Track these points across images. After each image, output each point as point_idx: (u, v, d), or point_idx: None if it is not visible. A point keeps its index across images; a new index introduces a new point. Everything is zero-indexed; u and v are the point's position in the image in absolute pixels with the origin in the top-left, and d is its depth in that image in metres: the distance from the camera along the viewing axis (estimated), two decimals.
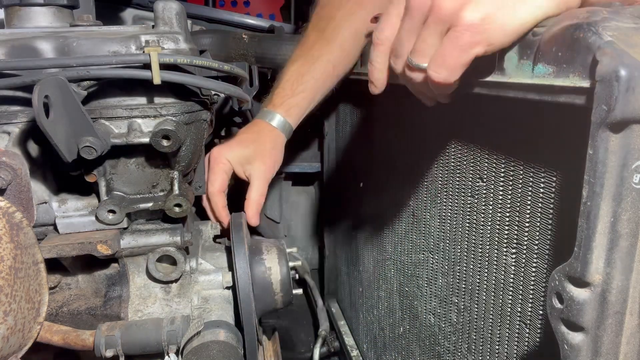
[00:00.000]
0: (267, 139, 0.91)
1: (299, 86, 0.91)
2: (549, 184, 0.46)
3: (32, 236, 0.57)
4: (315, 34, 0.92)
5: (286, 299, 0.76)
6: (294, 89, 0.91)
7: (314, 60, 0.91)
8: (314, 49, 0.91)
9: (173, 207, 0.69)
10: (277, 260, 0.75)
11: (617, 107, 0.34)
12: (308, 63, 0.91)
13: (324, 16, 0.92)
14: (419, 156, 0.74)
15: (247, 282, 0.68)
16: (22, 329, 0.56)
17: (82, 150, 0.60)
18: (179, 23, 0.69)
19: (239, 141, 0.90)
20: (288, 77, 0.91)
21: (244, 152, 0.89)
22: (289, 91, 0.91)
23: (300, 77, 0.91)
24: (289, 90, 0.91)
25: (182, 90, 0.69)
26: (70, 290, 0.72)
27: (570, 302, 0.38)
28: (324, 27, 0.90)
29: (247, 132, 0.92)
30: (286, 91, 0.91)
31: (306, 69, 0.91)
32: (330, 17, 0.90)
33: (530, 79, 0.43)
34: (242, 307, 0.68)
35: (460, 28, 0.43)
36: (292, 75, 0.91)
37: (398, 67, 0.52)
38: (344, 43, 0.90)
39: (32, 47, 0.64)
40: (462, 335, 0.64)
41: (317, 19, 0.93)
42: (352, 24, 0.89)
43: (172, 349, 0.65)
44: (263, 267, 0.74)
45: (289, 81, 0.91)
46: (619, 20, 0.38)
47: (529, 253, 0.49)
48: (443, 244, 0.68)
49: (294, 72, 0.91)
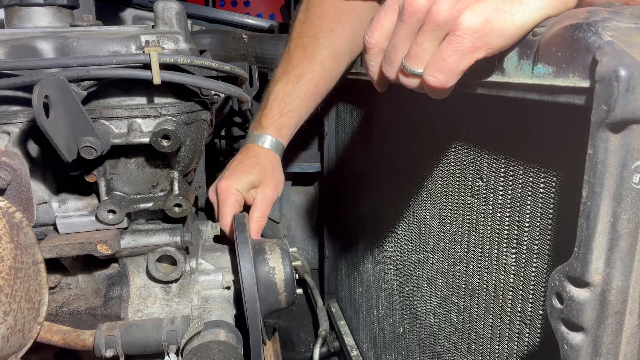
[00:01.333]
0: (266, 162, 0.91)
1: (285, 106, 0.91)
2: (549, 184, 0.46)
3: (32, 236, 0.57)
4: (298, 52, 0.92)
5: (290, 299, 0.75)
6: (281, 109, 0.91)
7: (297, 79, 0.91)
8: (297, 67, 0.92)
9: (173, 207, 0.69)
10: (280, 260, 0.75)
11: (617, 107, 0.33)
12: (292, 82, 0.91)
13: (305, 33, 0.92)
14: (419, 156, 0.74)
15: (252, 283, 0.68)
16: (22, 329, 0.56)
17: (82, 150, 0.60)
18: (179, 23, 0.69)
19: (241, 170, 0.89)
20: (274, 97, 0.92)
21: (249, 178, 0.88)
22: (277, 112, 0.91)
23: (287, 96, 0.91)
24: (276, 110, 0.91)
25: (182, 90, 0.69)
26: (70, 290, 0.72)
27: (570, 302, 0.38)
28: (306, 45, 0.91)
29: (245, 158, 0.92)
30: (273, 112, 0.91)
31: (291, 88, 0.91)
32: (311, 35, 0.91)
33: (530, 79, 0.43)
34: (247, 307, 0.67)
35: (461, 33, 0.43)
36: (278, 94, 0.91)
37: (391, 74, 0.51)
38: (325, 61, 0.91)
39: (32, 47, 0.64)
40: (462, 335, 0.64)
41: (298, 36, 0.93)
42: (332, 42, 0.90)
43: (172, 349, 0.65)
44: (267, 267, 0.74)
45: (275, 101, 0.91)
46: (618, 20, 0.38)
47: (529, 253, 0.49)
48: (443, 244, 0.68)
49: (279, 92, 0.91)
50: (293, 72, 0.92)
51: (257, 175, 0.89)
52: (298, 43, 0.93)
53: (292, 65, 0.92)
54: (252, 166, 0.90)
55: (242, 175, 0.88)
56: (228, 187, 0.86)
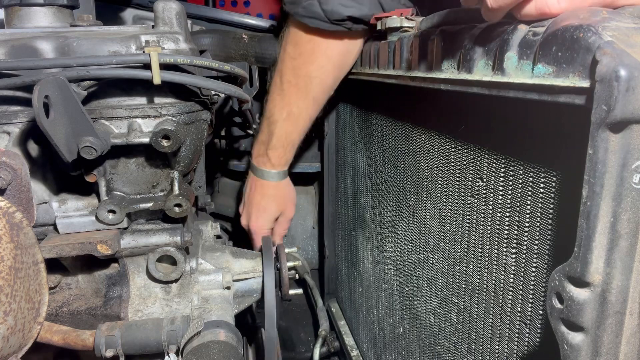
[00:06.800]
0: (282, 193, 1.13)
1: (288, 144, 1.07)
2: (549, 184, 0.46)
3: (32, 236, 0.57)
4: (292, 89, 1.01)
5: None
6: (285, 148, 1.07)
7: (296, 118, 1.04)
8: (294, 105, 1.02)
9: (173, 207, 0.69)
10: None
11: (617, 107, 0.33)
12: (292, 121, 1.04)
13: (298, 71, 0.99)
14: (419, 156, 0.74)
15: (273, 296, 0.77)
16: (22, 329, 0.56)
17: (82, 150, 0.60)
18: (179, 23, 0.69)
19: (265, 209, 1.12)
20: (278, 137, 1.06)
21: (274, 214, 1.14)
22: (281, 150, 1.08)
23: (289, 135, 1.06)
24: (281, 149, 1.07)
25: (182, 90, 0.69)
26: (70, 290, 0.72)
27: (570, 302, 0.38)
28: (299, 84, 1.00)
29: (264, 197, 1.12)
30: (279, 151, 1.07)
31: (292, 128, 1.05)
32: (304, 74, 0.99)
33: (530, 79, 0.43)
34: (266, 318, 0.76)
35: None
36: (282, 135, 1.05)
37: None
38: (317, 97, 1.02)
39: (32, 47, 0.64)
40: (462, 335, 0.64)
41: (291, 73, 1.00)
42: (322, 79, 0.99)
43: (172, 349, 0.65)
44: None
45: (280, 140, 1.06)
46: (618, 20, 0.38)
47: (529, 253, 0.49)
48: (443, 244, 0.68)
49: (282, 132, 1.05)
50: (292, 111, 1.03)
51: (278, 208, 1.14)
52: (291, 80, 1.00)
53: (287, 102, 1.02)
54: (273, 202, 1.12)
55: (267, 215, 1.13)
56: (260, 227, 1.13)
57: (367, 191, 1.02)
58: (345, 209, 1.21)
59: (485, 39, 0.50)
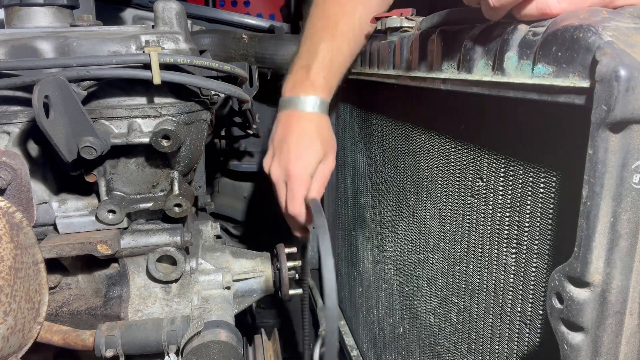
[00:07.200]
0: (325, 131, 0.88)
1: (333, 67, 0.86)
2: (549, 184, 0.46)
3: (32, 236, 0.57)
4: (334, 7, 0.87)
5: None
6: (330, 70, 0.86)
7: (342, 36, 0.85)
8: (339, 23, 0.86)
9: (173, 207, 0.69)
10: None
11: (617, 107, 0.33)
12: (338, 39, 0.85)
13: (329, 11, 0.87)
14: (419, 156, 0.74)
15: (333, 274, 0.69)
16: (22, 329, 0.56)
17: (82, 150, 0.60)
18: (179, 23, 0.69)
19: (307, 147, 0.85)
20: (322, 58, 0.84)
21: (319, 155, 0.86)
22: (327, 72, 0.85)
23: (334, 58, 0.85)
24: (327, 71, 0.85)
25: (182, 90, 0.69)
26: (70, 290, 0.72)
27: (570, 302, 0.38)
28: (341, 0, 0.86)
29: (306, 133, 0.86)
30: (324, 72, 0.84)
31: (336, 51, 0.85)
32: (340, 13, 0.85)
33: (530, 79, 0.43)
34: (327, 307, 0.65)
35: None
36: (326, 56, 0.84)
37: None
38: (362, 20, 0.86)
39: (32, 47, 0.64)
40: (462, 335, 0.64)
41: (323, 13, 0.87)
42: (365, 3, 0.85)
43: (172, 349, 0.65)
44: None
45: (324, 62, 0.84)
46: (618, 20, 0.38)
47: (529, 253, 0.49)
48: (443, 244, 0.68)
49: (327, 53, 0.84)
50: (336, 29, 0.85)
51: (323, 147, 0.86)
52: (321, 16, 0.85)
53: (332, 20, 0.85)
54: (317, 139, 0.86)
55: (312, 154, 0.85)
56: (302, 174, 0.83)
57: (367, 191, 1.02)
58: (345, 209, 1.21)
59: (485, 39, 0.50)
